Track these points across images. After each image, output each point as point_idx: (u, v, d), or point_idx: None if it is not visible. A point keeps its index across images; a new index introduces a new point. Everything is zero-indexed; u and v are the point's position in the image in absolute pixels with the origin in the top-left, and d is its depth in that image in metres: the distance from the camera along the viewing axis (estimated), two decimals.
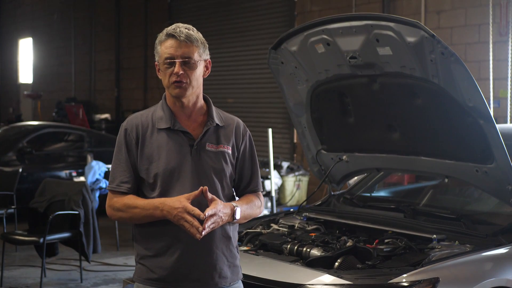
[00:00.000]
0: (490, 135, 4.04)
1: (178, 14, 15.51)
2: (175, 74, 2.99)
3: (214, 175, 3.04)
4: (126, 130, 3.07)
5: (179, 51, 2.99)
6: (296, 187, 10.89)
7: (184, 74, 3.00)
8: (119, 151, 3.08)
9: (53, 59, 20.89)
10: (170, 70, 3.01)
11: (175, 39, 3.00)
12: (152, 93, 16.39)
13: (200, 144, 3.04)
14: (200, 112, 3.12)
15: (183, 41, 2.99)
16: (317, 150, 5.21)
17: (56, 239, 6.95)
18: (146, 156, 3.03)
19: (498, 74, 8.86)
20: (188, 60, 3.00)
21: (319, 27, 4.40)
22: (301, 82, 4.84)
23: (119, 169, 3.05)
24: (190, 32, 3.02)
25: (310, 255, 4.20)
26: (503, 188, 4.22)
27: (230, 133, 3.12)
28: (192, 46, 3.01)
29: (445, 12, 9.78)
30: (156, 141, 3.03)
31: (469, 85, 3.92)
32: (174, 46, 3.00)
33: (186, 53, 3.00)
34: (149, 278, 3.02)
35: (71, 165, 10.87)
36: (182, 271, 2.99)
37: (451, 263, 3.83)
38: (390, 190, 6.31)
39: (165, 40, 3.03)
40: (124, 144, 3.06)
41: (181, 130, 3.05)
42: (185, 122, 3.08)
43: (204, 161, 3.03)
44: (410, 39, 3.97)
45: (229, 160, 3.09)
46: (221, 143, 3.08)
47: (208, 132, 3.07)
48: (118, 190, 3.04)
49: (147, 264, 3.04)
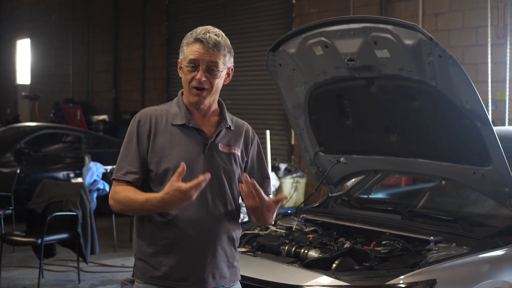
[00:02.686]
0: (487, 137, 4.05)
1: (176, 15, 15.51)
2: (197, 80, 2.99)
3: (224, 176, 3.05)
4: (139, 122, 3.05)
5: (205, 57, 2.98)
6: (294, 188, 10.90)
7: (207, 81, 2.99)
8: (130, 141, 3.04)
9: (51, 60, 20.87)
10: (193, 74, 3.00)
11: (203, 44, 2.98)
12: (150, 94, 16.40)
13: (213, 144, 3.05)
14: (214, 113, 3.14)
15: (210, 48, 2.98)
16: (315, 152, 5.22)
17: (54, 240, 6.96)
18: (158, 148, 3.01)
19: (495, 77, 8.88)
20: (212, 68, 3.00)
21: (317, 29, 4.41)
22: (299, 84, 4.85)
23: (127, 159, 3.02)
24: (219, 39, 3.01)
25: (308, 256, 4.20)
26: (500, 190, 4.23)
27: (239, 137, 3.14)
28: (218, 55, 3.01)
29: (442, 15, 9.80)
30: (170, 135, 3.02)
31: (467, 87, 3.93)
32: (201, 52, 2.98)
33: (212, 61, 2.99)
34: (153, 276, 3.01)
35: (69, 166, 10.87)
36: (187, 270, 2.99)
37: (448, 264, 3.84)
38: (388, 192, 6.32)
39: (192, 43, 3.01)
40: (135, 134, 3.03)
41: (196, 127, 3.05)
42: (200, 121, 3.08)
43: (216, 161, 3.04)
44: (408, 42, 3.99)
45: (238, 162, 3.11)
46: (232, 145, 3.10)
47: (221, 133, 3.09)
48: (124, 179, 2.99)
49: (150, 262, 3.02)
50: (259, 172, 3.20)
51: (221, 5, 14.15)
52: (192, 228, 2.95)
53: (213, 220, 3.00)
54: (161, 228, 2.98)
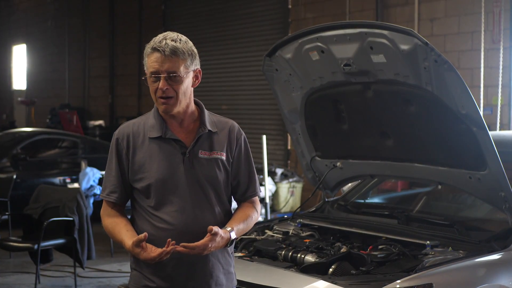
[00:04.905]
0: (483, 142, 4.06)
1: (172, 21, 15.53)
2: (160, 89, 2.95)
3: (208, 183, 3.03)
4: (117, 140, 3.06)
5: (164, 66, 2.93)
6: (290, 193, 10.91)
7: (170, 89, 2.95)
8: (110, 160, 3.09)
9: (47, 66, 20.85)
10: (156, 84, 2.96)
11: (160, 53, 2.93)
12: (146, 100, 16.39)
13: (192, 152, 3.02)
14: (192, 118, 3.08)
15: (168, 55, 2.92)
16: (311, 156, 5.23)
17: (51, 246, 6.94)
18: (137, 165, 3.02)
19: (491, 81, 8.90)
20: (173, 75, 2.94)
21: (313, 34, 4.42)
22: (295, 89, 4.86)
23: (109, 178, 3.08)
24: (176, 44, 2.94)
25: (305, 261, 4.21)
26: (496, 195, 4.24)
27: (223, 138, 3.08)
28: (177, 60, 2.94)
29: (438, 20, 9.83)
30: (148, 150, 3.01)
31: (462, 92, 3.94)
32: (159, 61, 2.93)
33: (171, 68, 2.93)
34: (146, 285, 3.02)
35: (65, 171, 10.86)
36: (179, 279, 2.99)
37: (445, 269, 3.84)
38: (384, 196, 6.33)
39: (150, 54, 2.97)
40: (115, 153, 3.06)
41: (172, 138, 3.02)
42: (177, 129, 3.05)
43: (197, 169, 3.01)
44: (403, 47, 4.00)
45: (222, 166, 3.06)
46: (214, 150, 3.05)
47: (200, 139, 3.04)
48: (108, 199, 3.08)
49: (143, 272, 3.03)
50: (246, 172, 3.16)
51: (217, 11, 14.17)
52: (181, 239, 2.89)
53: (201, 229, 2.93)
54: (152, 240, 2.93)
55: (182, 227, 2.97)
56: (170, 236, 2.90)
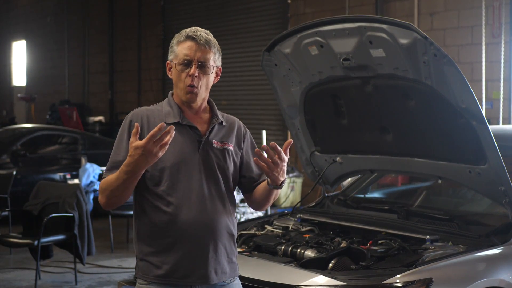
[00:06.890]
0: (482, 136, 4.05)
1: (172, 16, 15.50)
2: (191, 76, 3.02)
3: (219, 171, 3.08)
4: (131, 121, 3.05)
5: (197, 54, 3.03)
6: (290, 188, 10.91)
7: (198, 77, 3.03)
8: (121, 141, 3.04)
9: (47, 62, 20.86)
10: (186, 71, 3.03)
11: (195, 41, 3.04)
12: (146, 95, 16.39)
13: (207, 141, 3.08)
14: (205, 111, 3.16)
15: (202, 44, 3.04)
16: (311, 151, 5.22)
17: (51, 242, 6.94)
18: None
19: (491, 76, 8.89)
20: (204, 64, 3.04)
21: (312, 29, 4.41)
22: (294, 84, 4.86)
23: (118, 158, 3.00)
24: (209, 37, 3.08)
25: (304, 256, 4.21)
26: (495, 189, 4.24)
27: (232, 132, 3.17)
28: (209, 52, 3.06)
29: (438, 14, 9.81)
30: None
31: (462, 86, 3.94)
32: (193, 49, 3.03)
33: (204, 57, 3.04)
34: (155, 275, 3.01)
35: (65, 167, 10.85)
36: (189, 266, 3.00)
37: (445, 263, 3.85)
38: (384, 191, 6.32)
39: (184, 41, 3.06)
40: (127, 134, 3.02)
41: (189, 125, 3.07)
42: (192, 118, 3.11)
43: (210, 157, 3.07)
44: (403, 41, 3.99)
45: (232, 158, 3.13)
46: (225, 141, 3.13)
47: (214, 129, 3.11)
48: None
49: (152, 261, 3.02)
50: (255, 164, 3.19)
51: (216, 6, 14.15)
52: (192, 225, 2.97)
53: (212, 216, 3.02)
54: (161, 227, 2.98)
55: (193, 213, 2.99)
56: (180, 223, 2.95)
